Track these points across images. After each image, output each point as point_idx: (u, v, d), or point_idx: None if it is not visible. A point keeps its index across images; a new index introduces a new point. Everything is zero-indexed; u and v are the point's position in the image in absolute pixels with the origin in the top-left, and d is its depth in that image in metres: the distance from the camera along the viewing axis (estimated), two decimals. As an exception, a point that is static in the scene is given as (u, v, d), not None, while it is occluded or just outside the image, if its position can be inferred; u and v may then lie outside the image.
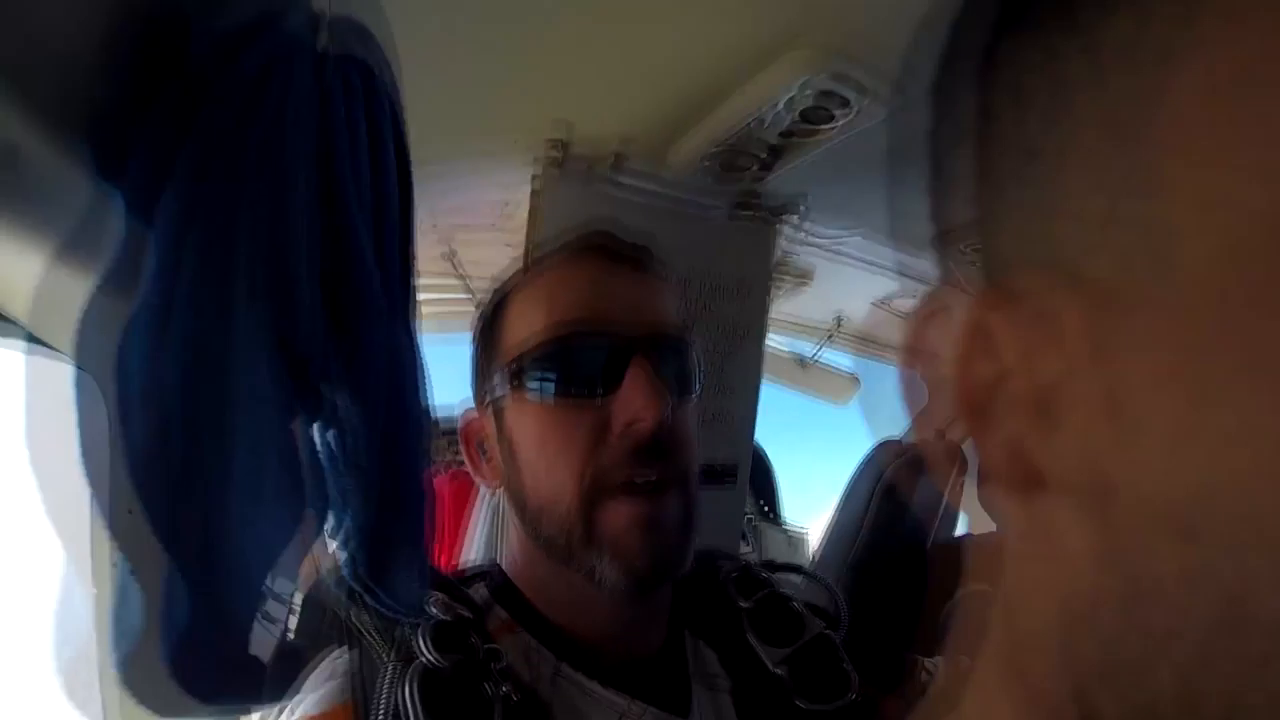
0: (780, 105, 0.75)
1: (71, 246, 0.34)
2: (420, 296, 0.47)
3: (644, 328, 0.55)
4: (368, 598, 0.40)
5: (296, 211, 0.36)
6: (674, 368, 0.56)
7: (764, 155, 0.84)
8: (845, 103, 0.73)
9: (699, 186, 0.94)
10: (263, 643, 0.35)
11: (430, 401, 0.42)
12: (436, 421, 0.46)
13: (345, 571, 0.38)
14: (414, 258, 0.45)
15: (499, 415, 0.57)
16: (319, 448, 0.38)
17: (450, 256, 1.12)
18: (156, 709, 0.33)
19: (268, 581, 0.35)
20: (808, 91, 0.72)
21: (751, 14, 0.68)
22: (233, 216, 0.34)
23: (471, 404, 0.62)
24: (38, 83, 0.29)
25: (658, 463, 0.53)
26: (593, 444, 0.52)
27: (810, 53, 0.70)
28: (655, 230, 0.61)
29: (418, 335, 0.44)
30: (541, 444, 0.54)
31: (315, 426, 0.38)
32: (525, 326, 0.56)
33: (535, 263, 0.62)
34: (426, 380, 0.42)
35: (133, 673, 0.32)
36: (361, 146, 0.40)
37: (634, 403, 0.52)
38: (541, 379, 0.54)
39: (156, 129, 0.33)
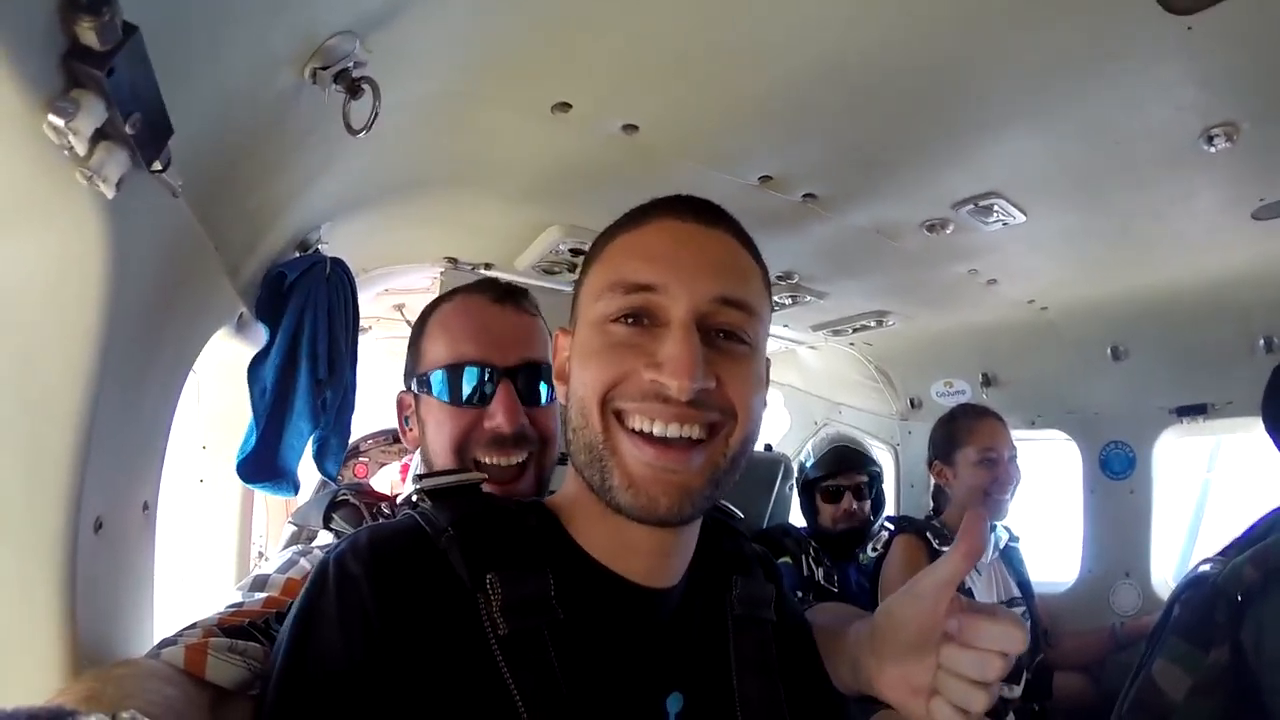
0: (558, 248, 1.46)
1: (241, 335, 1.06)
2: (379, 334, 1.18)
3: (513, 359, 0.78)
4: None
5: (322, 322, 1.08)
6: (533, 385, 0.77)
7: (558, 270, 1.56)
8: (580, 251, 1.44)
9: (534, 277, 1.65)
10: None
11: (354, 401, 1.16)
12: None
13: (314, 449, 1.11)
14: (358, 351, 1.17)
15: (418, 401, 0.85)
16: (319, 408, 1.11)
17: (400, 308, 1.82)
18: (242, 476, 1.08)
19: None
20: (562, 245, 1.44)
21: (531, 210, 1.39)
22: (302, 326, 1.08)
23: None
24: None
25: (516, 450, 0.78)
26: (470, 434, 0.77)
27: (562, 227, 1.40)
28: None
29: (356, 380, 1.16)
30: (439, 428, 0.81)
31: (319, 402, 1.10)
32: (435, 349, 0.81)
33: (447, 295, 0.90)
34: (355, 397, 1.15)
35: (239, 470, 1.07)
36: (346, 297, 1.13)
37: (498, 415, 0.77)
38: (443, 390, 0.79)
39: (271, 299, 1.07)
